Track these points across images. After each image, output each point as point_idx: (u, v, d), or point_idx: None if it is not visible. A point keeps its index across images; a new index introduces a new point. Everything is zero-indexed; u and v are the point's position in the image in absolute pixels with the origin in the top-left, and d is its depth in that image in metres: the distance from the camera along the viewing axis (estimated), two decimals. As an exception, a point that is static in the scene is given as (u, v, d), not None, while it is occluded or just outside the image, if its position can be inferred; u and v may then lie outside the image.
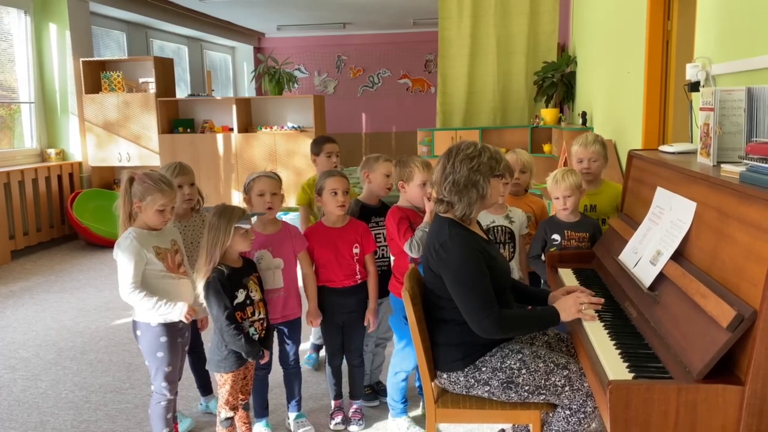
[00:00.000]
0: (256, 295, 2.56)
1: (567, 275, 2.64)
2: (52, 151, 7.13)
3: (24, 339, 4.20)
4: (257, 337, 2.53)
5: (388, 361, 2.96)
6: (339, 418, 2.94)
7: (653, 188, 2.30)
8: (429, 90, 12.43)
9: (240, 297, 2.48)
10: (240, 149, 7.49)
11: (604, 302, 2.18)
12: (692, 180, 2.02)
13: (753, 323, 1.49)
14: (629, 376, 1.69)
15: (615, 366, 1.76)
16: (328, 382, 3.01)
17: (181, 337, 2.58)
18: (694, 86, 2.79)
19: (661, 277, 1.97)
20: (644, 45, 3.95)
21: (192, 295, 2.55)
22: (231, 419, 2.56)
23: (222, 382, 2.52)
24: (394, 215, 2.78)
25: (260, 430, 2.85)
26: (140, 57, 7.90)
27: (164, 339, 2.48)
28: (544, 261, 2.84)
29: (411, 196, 2.79)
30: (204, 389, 3.12)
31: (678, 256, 1.94)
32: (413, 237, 2.64)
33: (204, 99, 7.98)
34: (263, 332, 2.57)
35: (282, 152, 7.41)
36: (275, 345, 2.82)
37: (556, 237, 2.87)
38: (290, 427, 2.91)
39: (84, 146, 7.36)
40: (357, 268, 2.86)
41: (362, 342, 2.99)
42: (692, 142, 2.76)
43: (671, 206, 2.11)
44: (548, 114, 6.95)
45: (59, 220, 7.01)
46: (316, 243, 2.84)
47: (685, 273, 1.83)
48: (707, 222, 1.86)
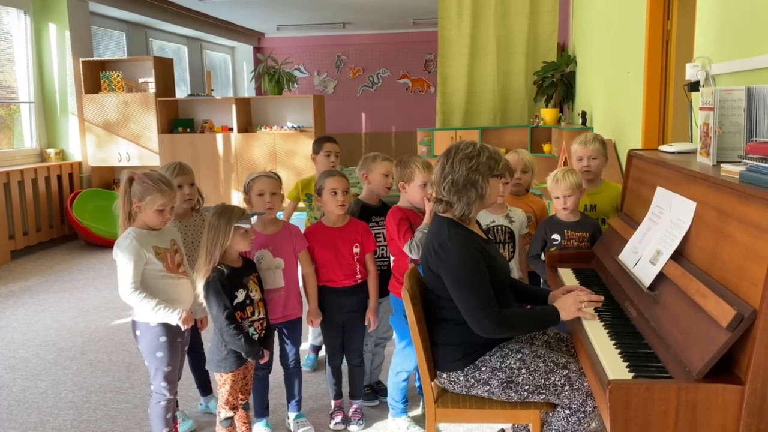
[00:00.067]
0: (256, 295, 2.56)
1: (567, 275, 2.64)
2: (52, 151, 7.13)
3: (24, 339, 4.20)
4: (257, 337, 2.53)
5: (388, 361, 2.96)
6: (339, 418, 2.94)
7: (653, 188, 2.30)
8: (429, 90, 12.43)
9: (240, 297, 2.48)
10: (240, 149, 7.49)
11: (604, 302, 2.18)
12: (692, 180, 2.02)
13: (753, 323, 1.49)
14: (629, 376, 1.69)
15: (615, 365, 1.76)
16: (328, 382, 3.01)
17: (181, 337, 2.58)
18: (694, 86, 2.79)
19: (661, 277, 1.97)
20: (644, 45, 3.95)
21: (192, 295, 2.55)
22: (231, 419, 2.56)
23: (222, 382, 2.52)
24: (394, 216, 2.77)
25: (260, 430, 2.85)
26: (140, 57, 7.90)
27: (164, 339, 2.49)
28: (544, 261, 2.84)
29: (411, 197, 2.79)
30: (204, 389, 3.12)
31: (678, 256, 1.94)
32: (413, 238, 2.63)
33: (204, 99, 7.98)
34: (263, 332, 2.57)
35: (282, 152, 7.41)
36: (275, 345, 2.83)
37: (556, 237, 2.87)
38: (290, 427, 2.91)
39: (84, 146, 7.36)
40: (357, 268, 2.87)
41: (362, 342, 2.99)
42: (692, 142, 2.76)
43: (671, 206, 2.11)
44: (548, 114, 6.94)
45: (59, 220, 7.01)
46: (317, 243, 2.84)
47: (685, 272, 1.83)
48: (707, 222, 1.86)
